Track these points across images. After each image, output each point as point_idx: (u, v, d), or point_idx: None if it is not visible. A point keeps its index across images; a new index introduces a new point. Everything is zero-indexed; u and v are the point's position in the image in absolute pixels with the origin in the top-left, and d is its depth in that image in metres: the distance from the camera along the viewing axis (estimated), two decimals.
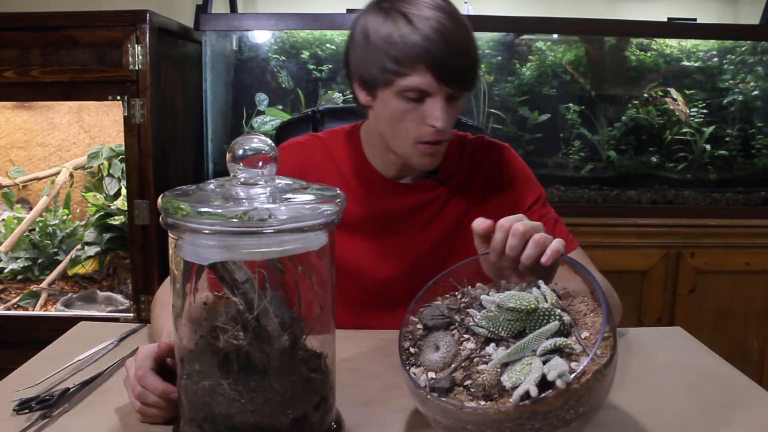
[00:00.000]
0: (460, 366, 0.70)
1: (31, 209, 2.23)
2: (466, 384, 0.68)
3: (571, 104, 2.22)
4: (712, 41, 2.24)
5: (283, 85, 2.21)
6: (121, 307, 2.00)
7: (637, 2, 2.49)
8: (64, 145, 2.27)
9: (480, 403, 0.66)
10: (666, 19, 2.27)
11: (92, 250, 2.03)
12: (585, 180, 2.22)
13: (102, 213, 2.06)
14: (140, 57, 1.78)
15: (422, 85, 0.98)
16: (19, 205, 2.28)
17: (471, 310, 0.74)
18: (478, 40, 1.04)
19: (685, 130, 2.23)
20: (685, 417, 0.82)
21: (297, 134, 1.50)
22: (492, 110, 2.22)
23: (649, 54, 2.25)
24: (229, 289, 0.69)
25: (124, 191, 2.02)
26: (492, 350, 0.70)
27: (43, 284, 2.07)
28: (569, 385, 0.60)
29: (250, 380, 0.68)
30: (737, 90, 2.25)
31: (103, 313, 1.97)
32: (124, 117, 1.81)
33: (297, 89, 2.21)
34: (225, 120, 2.24)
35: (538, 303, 0.70)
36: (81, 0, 2.05)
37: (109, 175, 2.09)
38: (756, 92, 2.25)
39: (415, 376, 0.71)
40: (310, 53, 2.21)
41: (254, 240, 0.66)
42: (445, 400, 0.66)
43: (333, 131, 1.20)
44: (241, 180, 0.70)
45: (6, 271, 2.11)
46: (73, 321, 1.16)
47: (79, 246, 2.09)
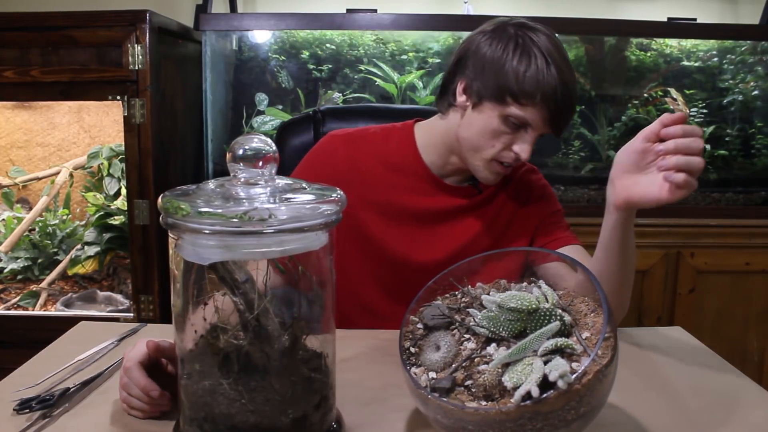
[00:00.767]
0: (461, 366, 0.70)
1: (31, 209, 2.23)
2: (467, 384, 0.68)
3: None
4: (712, 41, 2.24)
5: (283, 85, 2.21)
6: (121, 307, 2.00)
7: (637, 2, 2.49)
8: (64, 145, 2.27)
9: (481, 403, 0.66)
10: (666, 19, 2.27)
11: (92, 250, 2.03)
12: (585, 180, 2.22)
13: (102, 213, 2.06)
14: (140, 57, 1.78)
15: (531, 120, 1.05)
16: (19, 205, 2.28)
17: (471, 310, 0.74)
18: None
19: None
20: (685, 417, 0.82)
21: (298, 134, 1.51)
22: None
23: (649, 54, 2.25)
24: (229, 289, 0.69)
25: (124, 191, 2.02)
26: (493, 350, 0.70)
27: (43, 284, 2.07)
28: (571, 385, 0.60)
29: (251, 380, 0.68)
30: (737, 90, 2.25)
31: (103, 313, 1.97)
32: (124, 117, 1.81)
33: (297, 89, 2.21)
34: (225, 120, 2.24)
35: (539, 303, 0.70)
36: (81, 0, 2.05)
37: (109, 175, 2.09)
38: (756, 92, 2.25)
39: (415, 376, 0.71)
40: (310, 53, 2.21)
41: (254, 240, 0.66)
42: (446, 400, 0.66)
43: (385, 127, 1.25)
44: (241, 180, 0.70)
45: (6, 271, 2.11)
46: (73, 321, 1.16)
47: (79, 246, 2.09)
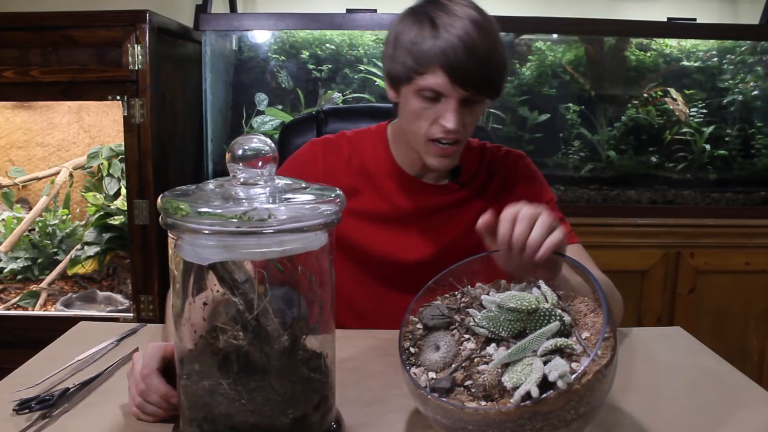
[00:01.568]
0: (461, 366, 0.70)
1: (30, 209, 2.23)
2: (466, 384, 0.68)
3: (570, 104, 2.23)
4: (712, 41, 2.24)
5: (283, 85, 2.21)
6: (120, 307, 2.00)
7: (637, 2, 2.49)
8: (64, 145, 2.27)
9: (481, 403, 0.66)
10: (666, 19, 2.27)
11: (92, 250, 2.03)
12: (585, 180, 2.22)
13: (102, 213, 2.06)
14: (140, 57, 1.78)
15: (437, 86, 1.03)
16: (18, 205, 2.28)
17: (471, 310, 0.74)
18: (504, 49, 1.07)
19: (684, 130, 2.23)
20: (685, 417, 0.82)
21: (301, 134, 1.52)
22: (492, 110, 2.22)
23: (648, 54, 2.25)
24: (229, 289, 0.68)
25: (123, 191, 2.01)
26: (492, 350, 0.70)
27: (43, 284, 2.07)
28: (570, 385, 0.60)
29: (250, 380, 0.68)
30: (737, 90, 2.25)
31: (103, 313, 1.97)
32: (124, 117, 1.81)
33: (297, 89, 2.21)
34: (225, 120, 2.24)
35: (539, 303, 0.70)
36: (81, 0, 2.05)
37: (109, 175, 2.09)
38: (756, 92, 2.25)
39: (415, 377, 0.71)
40: (309, 53, 2.21)
41: (254, 240, 0.66)
42: (446, 400, 0.66)
43: (359, 131, 1.26)
44: (241, 180, 0.70)
45: (6, 271, 2.10)
46: (73, 321, 1.16)
47: (78, 246, 2.09)
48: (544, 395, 0.60)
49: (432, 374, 0.71)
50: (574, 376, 0.61)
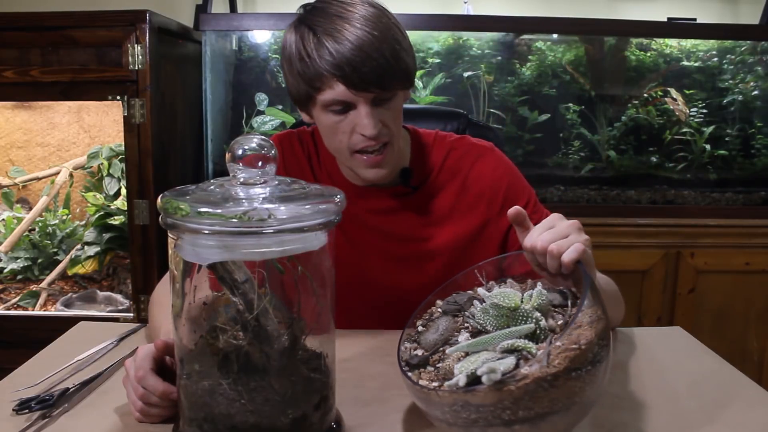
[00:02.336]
0: (439, 349, 0.73)
1: (30, 209, 2.23)
2: (438, 366, 0.71)
3: (571, 104, 2.23)
4: (712, 41, 2.24)
5: (283, 85, 2.20)
6: (120, 307, 2.00)
7: (637, 2, 2.49)
8: (64, 145, 2.27)
9: (432, 383, 0.69)
10: (666, 19, 2.27)
11: (92, 250, 2.03)
12: (585, 180, 2.22)
13: (102, 213, 2.06)
14: (140, 57, 1.78)
15: (339, 97, 0.96)
16: (18, 205, 2.28)
17: (475, 302, 0.76)
18: (406, 35, 0.99)
19: (684, 130, 2.23)
20: (685, 417, 0.82)
21: None
22: (492, 110, 2.22)
23: (648, 54, 2.25)
24: (228, 289, 0.68)
25: (123, 191, 2.02)
26: (463, 339, 0.72)
27: (43, 284, 2.07)
28: (502, 384, 0.60)
29: (250, 380, 0.68)
30: (737, 90, 2.25)
31: (103, 313, 1.97)
32: (124, 117, 1.81)
33: None
34: (225, 120, 2.24)
35: (522, 303, 0.71)
36: (81, 0, 2.05)
37: (109, 175, 2.09)
38: (756, 92, 2.25)
39: (404, 350, 0.75)
40: None
41: (254, 240, 0.66)
42: (410, 374, 0.71)
43: (316, 128, 1.14)
44: (241, 180, 0.70)
45: (6, 271, 2.11)
46: (73, 321, 1.16)
47: (78, 246, 2.09)
48: (472, 387, 0.61)
49: (420, 351, 0.74)
50: (506, 376, 0.61)
